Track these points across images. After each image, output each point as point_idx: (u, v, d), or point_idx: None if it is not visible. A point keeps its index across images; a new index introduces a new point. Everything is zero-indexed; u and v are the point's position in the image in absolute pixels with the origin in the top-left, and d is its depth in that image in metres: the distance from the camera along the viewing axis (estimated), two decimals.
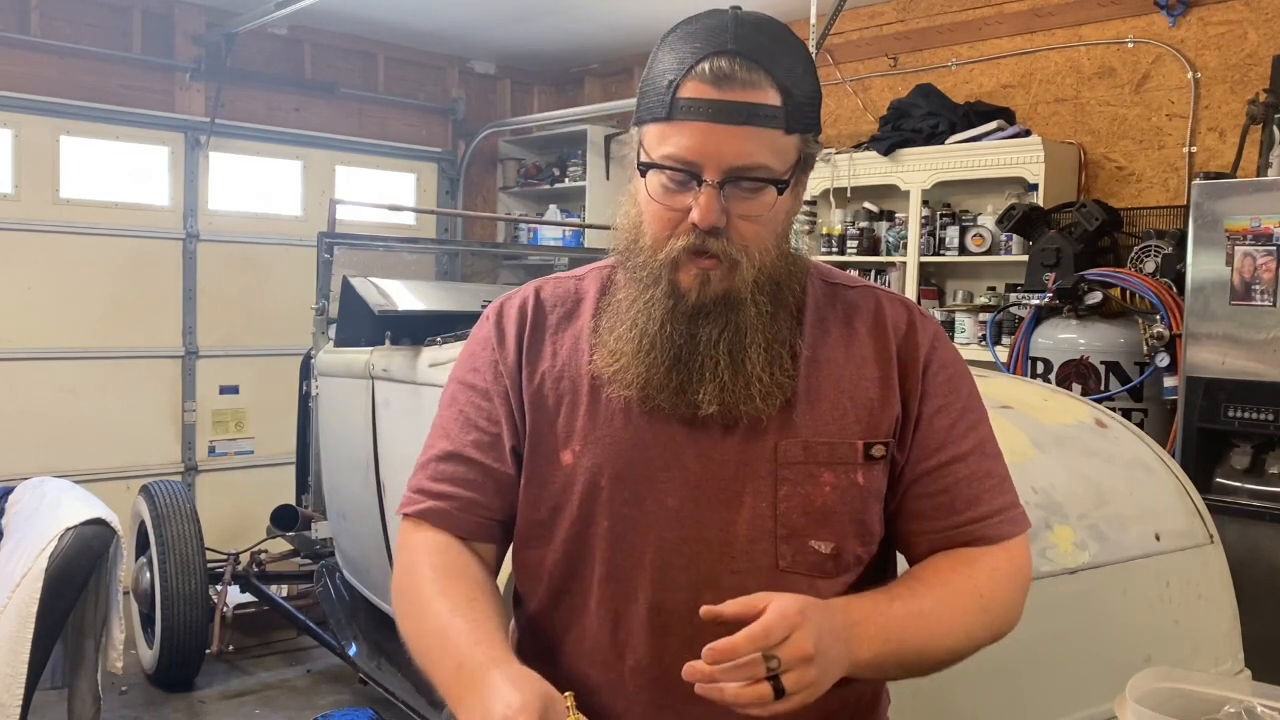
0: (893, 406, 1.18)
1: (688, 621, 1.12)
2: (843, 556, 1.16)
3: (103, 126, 5.03)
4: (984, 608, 1.14)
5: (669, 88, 1.09)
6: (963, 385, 1.23)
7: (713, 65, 1.07)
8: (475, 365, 1.25)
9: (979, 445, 1.21)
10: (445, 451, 1.22)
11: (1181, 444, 3.32)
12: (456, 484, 1.20)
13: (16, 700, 2.23)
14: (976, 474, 1.19)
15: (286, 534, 4.11)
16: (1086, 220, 3.90)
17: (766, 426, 1.14)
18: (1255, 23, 3.94)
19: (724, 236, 1.10)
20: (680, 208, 1.10)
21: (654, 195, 1.12)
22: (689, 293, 1.12)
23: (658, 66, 1.12)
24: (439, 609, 1.12)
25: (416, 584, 1.17)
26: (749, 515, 1.14)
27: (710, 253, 1.10)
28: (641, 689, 1.16)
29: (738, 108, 1.07)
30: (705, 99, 1.07)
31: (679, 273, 1.12)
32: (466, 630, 1.09)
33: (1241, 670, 2.22)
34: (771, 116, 1.08)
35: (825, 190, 4.80)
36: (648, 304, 1.13)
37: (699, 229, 1.09)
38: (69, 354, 5.01)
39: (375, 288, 3.65)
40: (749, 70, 1.07)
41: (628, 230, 1.17)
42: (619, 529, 1.16)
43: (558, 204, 6.22)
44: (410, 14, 5.34)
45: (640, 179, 1.13)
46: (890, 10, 4.98)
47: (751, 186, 1.09)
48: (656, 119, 1.10)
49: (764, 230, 1.12)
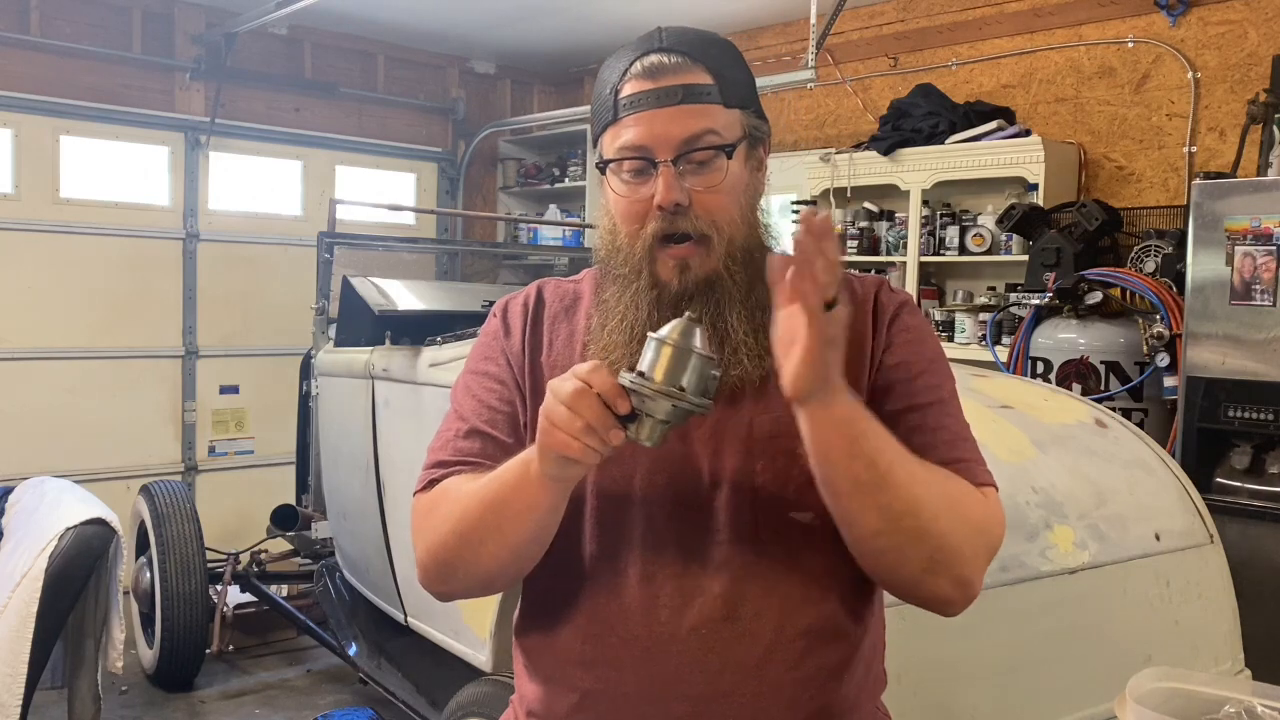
0: (861, 373, 1.21)
1: (676, 593, 1.17)
2: (824, 527, 1.17)
3: (103, 126, 5.04)
4: (961, 501, 1.12)
5: (611, 93, 1.19)
6: (926, 349, 1.24)
7: (644, 63, 1.18)
8: (486, 355, 1.31)
9: (938, 402, 1.21)
10: (464, 430, 1.26)
11: (1181, 444, 3.32)
12: (474, 455, 1.23)
13: (16, 700, 2.23)
14: (931, 425, 1.19)
15: (286, 534, 4.11)
16: (1086, 220, 3.90)
17: (743, 403, 1.18)
18: (1255, 22, 3.94)
19: (690, 214, 1.15)
20: (644, 197, 1.17)
21: (617, 190, 1.19)
22: (670, 281, 1.17)
23: (599, 83, 1.22)
24: (472, 486, 1.17)
25: (441, 502, 1.20)
26: (730, 489, 1.18)
27: (681, 233, 1.15)
28: (634, 660, 1.19)
29: (673, 90, 1.16)
30: (643, 90, 1.17)
31: (656, 265, 1.18)
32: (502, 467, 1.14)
33: (1241, 670, 2.22)
34: (706, 93, 1.17)
35: (825, 190, 4.80)
36: (633, 297, 1.18)
37: (664, 210, 1.15)
38: (69, 354, 5.01)
39: (375, 288, 3.65)
40: (679, 59, 1.17)
41: (604, 238, 1.23)
42: (605, 507, 1.20)
43: (558, 204, 6.22)
44: (410, 14, 5.34)
45: (608, 186, 1.20)
46: (890, 10, 4.98)
47: (703, 158, 1.16)
48: (606, 124, 1.19)
49: (726, 200, 1.17)
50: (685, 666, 1.17)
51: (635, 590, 1.19)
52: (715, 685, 1.17)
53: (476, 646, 2.53)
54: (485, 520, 1.13)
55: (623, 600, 1.19)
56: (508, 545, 1.15)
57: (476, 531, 1.14)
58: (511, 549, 1.15)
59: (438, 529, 1.18)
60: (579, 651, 1.21)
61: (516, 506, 1.11)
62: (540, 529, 1.15)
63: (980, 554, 1.14)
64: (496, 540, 1.14)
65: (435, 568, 1.20)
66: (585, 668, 1.21)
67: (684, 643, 1.17)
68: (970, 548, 1.12)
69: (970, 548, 1.12)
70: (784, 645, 1.18)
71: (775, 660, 1.18)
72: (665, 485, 1.19)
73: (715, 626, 1.17)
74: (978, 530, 1.13)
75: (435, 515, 1.20)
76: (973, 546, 1.12)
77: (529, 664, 1.28)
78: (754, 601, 1.17)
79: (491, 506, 1.13)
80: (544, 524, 1.14)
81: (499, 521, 1.13)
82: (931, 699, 1.79)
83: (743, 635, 1.17)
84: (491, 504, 1.13)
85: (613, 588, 1.20)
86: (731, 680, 1.17)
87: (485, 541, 1.14)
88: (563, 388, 1.02)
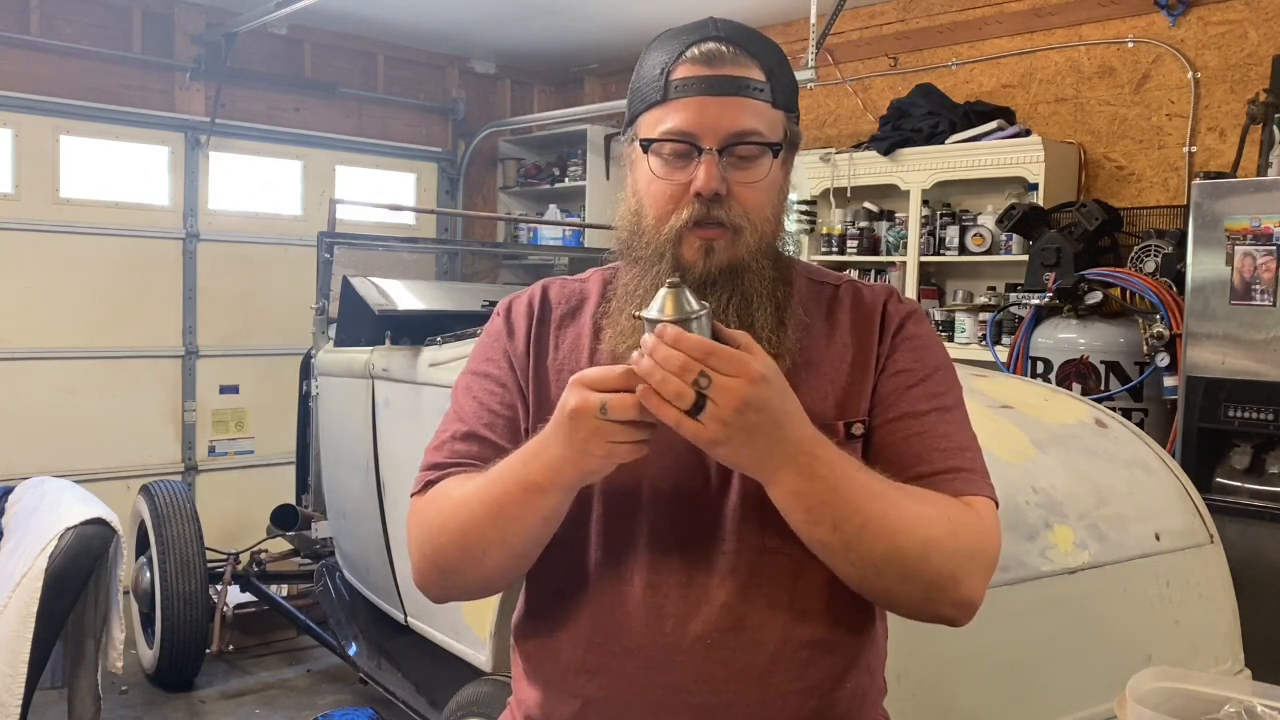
0: (868, 382, 1.21)
1: (682, 601, 1.16)
2: None
3: (103, 126, 5.03)
4: (951, 532, 1.10)
5: (662, 73, 1.16)
6: (930, 357, 1.24)
7: (701, 48, 1.16)
8: (489, 356, 1.29)
9: (938, 410, 1.20)
10: (461, 432, 1.24)
11: (1181, 444, 3.32)
12: (471, 458, 1.22)
13: (16, 700, 2.23)
14: (929, 433, 1.18)
15: (286, 534, 4.11)
16: (1086, 220, 3.90)
17: None
18: (1255, 22, 3.94)
19: (726, 205, 1.14)
20: (682, 181, 1.15)
21: (656, 171, 1.17)
22: (694, 265, 1.15)
23: (648, 63, 1.19)
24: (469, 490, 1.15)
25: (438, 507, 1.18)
26: (736, 497, 1.17)
27: (714, 220, 1.14)
28: (638, 669, 1.18)
29: (729, 81, 1.15)
30: (698, 75, 1.15)
31: (682, 247, 1.15)
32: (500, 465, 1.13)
33: (1241, 670, 2.22)
34: (759, 89, 1.16)
35: (825, 190, 4.81)
36: (654, 281, 1.14)
37: (702, 197, 1.13)
38: (69, 354, 5.00)
39: (375, 287, 3.65)
40: (736, 51, 1.16)
41: (628, 220, 1.21)
42: (612, 514, 1.19)
43: (558, 204, 6.22)
44: (410, 14, 5.34)
45: (641, 163, 1.18)
46: (890, 10, 4.98)
47: (748, 153, 1.15)
48: (652, 104, 1.17)
49: (763, 198, 1.17)
50: (689, 676, 1.16)
51: (640, 598, 1.18)
52: (719, 695, 1.16)
53: (476, 646, 2.53)
54: (486, 528, 1.12)
55: (627, 608, 1.18)
56: (511, 551, 1.14)
57: (478, 540, 1.13)
58: (514, 554, 1.15)
59: (435, 536, 1.17)
60: (581, 659, 1.20)
61: (522, 514, 1.10)
62: (545, 532, 1.14)
63: (977, 574, 1.12)
64: (499, 548, 1.13)
65: (434, 573, 1.19)
66: (588, 675, 1.20)
67: (688, 652, 1.16)
68: (965, 571, 1.10)
69: (965, 571, 1.10)
70: (788, 655, 1.17)
71: (779, 670, 1.17)
72: (672, 492, 1.18)
73: (720, 636, 1.16)
74: (971, 553, 1.12)
75: (432, 521, 1.18)
76: (968, 569, 1.11)
77: (529, 669, 1.27)
78: (759, 611, 1.16)
79: (493, 514, 1.11)
80: (549, 527, 1.14)
81: (501, 530, 1.12)
82: (931, 699, 1.79)
83: (747, 645, 1.16)
84: (493, 511, 1.11)
85: (617, 595, 1.19)
86: (735, 690, 1.16)
87: (487, 550, 1.14)
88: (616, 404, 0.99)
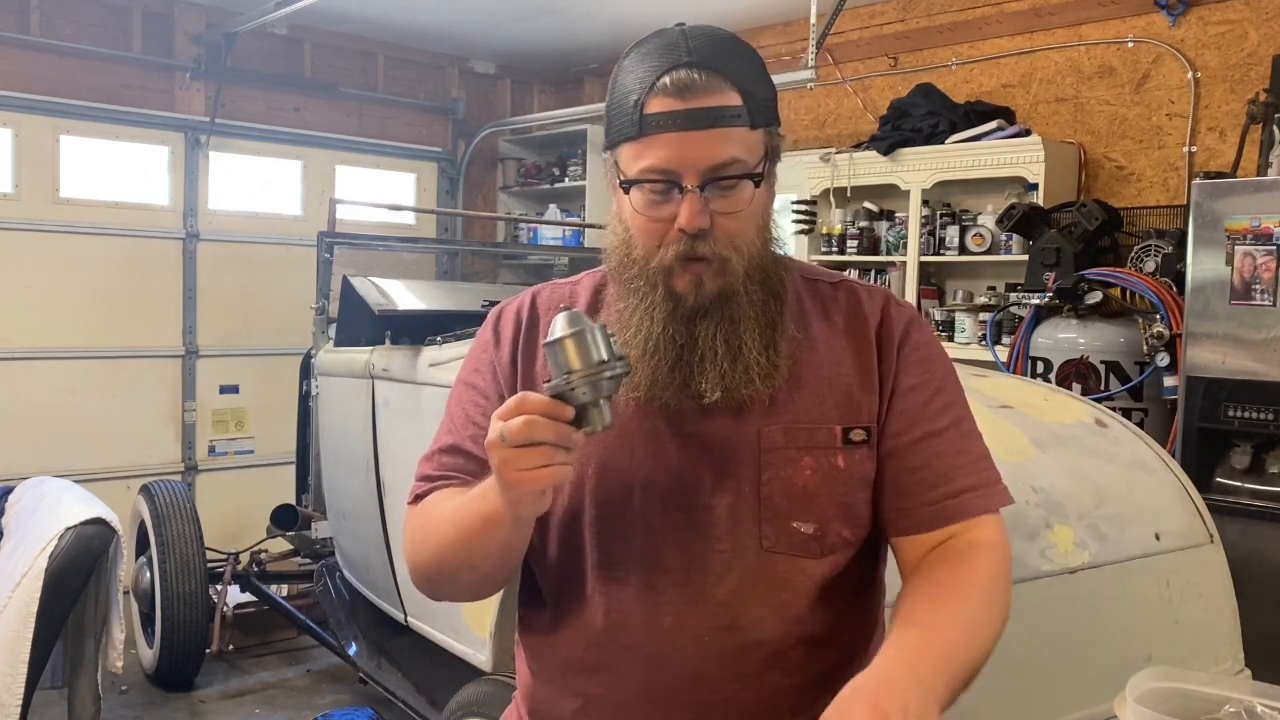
0: (872, 391, 1.22)
1: (679, 599, 1.18)
2: (826, 538, 1.20)
3: (103, 126, 5.03)
4: (993, 601, 1.16)
5: (635, 106, 1.13)
6: (937, 366, 1.26)
7: (673, 78, 1.12)
8: (476, 366, 1.31)
9: (954, 423, 1.23)
10: (447, 445, 1.28)
11: (1181, 444, 3.32)
12: (456, 470, 1.25)
13: (16, 700, 2.23)
14: (950, 450, 1.21)
15: (286, 534, 4.11)
16: (1086, 220, 3.90)
17: (751, 413, 1.18)
18: (1255, 22, 3.94)
19: (710, 238, 1.14)
20: (666, 217, 1.14)
21: (639, 209, 1.16)
22: (686, 296, 1.16)
23: (620, 89, 1.16)
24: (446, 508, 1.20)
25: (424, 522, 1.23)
26: (733, 498, 1.18)
27: (700, 256, 1.14)
28: (637, 668, 1.19)
29: (704, 113, 1.12)
30: (672, 111, 1.12)
31: (674, 279, 1.16)
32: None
33: (1241, 670, 2.22)
34: (736, 116, 1.13)
35: (825, 190, 4.80)
36: (649, 309, 1.17)
37: (687, 234, 1.13)
38: (69, 354, 5.00)
39: (375, 287, 3.65)
40: (709, 77, 1.12)
41: (618, 248, 1.21)
42: (605, 516, 1.20)
43: (558, 204, 6.22)
44: (410, 14, 5.33)
45: (624, 197, 1.17)
46: (890, 10, 4.98)
47: (729, 184, 1.14)
48: (629, 138, 1.14)
49: (747, 224, 1.17)
50: (687, 674, 1.18)
51: (637, 598, 1.19)
52: (717, 693, 1.18)
53: (476, 646, 2.53)
54: (457, 551, 1.17)
55: (624, 608, 1.19)
56: (479, 573, 1.20)
57: (450, 560, 1.19)
58: (483, 575, 1.21)
59: (419, 551, 1.23)
60: (581, 658, 1.22)
61: (485, 542, 1.14)
62: (511, 557, 1.19)
63: (1006, 607, 1.17)
64: (468, 570, 1.19)
65: (423, 582, 1.25)
66: (588, 674, 1.22)
67: (686, 650, 1.18)
68: (1001, 617, 1.16)
69: (1001, 617, 1.16)
70: (785, 653, 1.19)
71: (776, 668, 1.18)
72: (664, 494, 1.19)
73: (717, 635, 1.17)
74: (1002, 602, 1.17)
75: (416, 536, 1.24)
76: (1003, 614, 1.16)
77: (532, 664, 1.30)
78: (756, 610, 1.18)
79: (462, 539, 1.16)
80: (513, 553, 1.19)
81: (469, 555, 1.17)
82: None
83: (744, 643, 1.18)
84: (462, 536, 1.16)
85: (615, 595, 1.20)
86: (733, 688, 1.18)
87: (459, 572, 1.20)
88: (510, 430, 1.01)
